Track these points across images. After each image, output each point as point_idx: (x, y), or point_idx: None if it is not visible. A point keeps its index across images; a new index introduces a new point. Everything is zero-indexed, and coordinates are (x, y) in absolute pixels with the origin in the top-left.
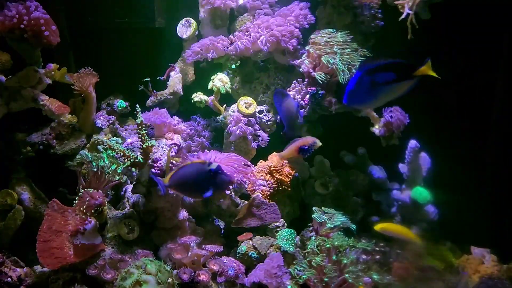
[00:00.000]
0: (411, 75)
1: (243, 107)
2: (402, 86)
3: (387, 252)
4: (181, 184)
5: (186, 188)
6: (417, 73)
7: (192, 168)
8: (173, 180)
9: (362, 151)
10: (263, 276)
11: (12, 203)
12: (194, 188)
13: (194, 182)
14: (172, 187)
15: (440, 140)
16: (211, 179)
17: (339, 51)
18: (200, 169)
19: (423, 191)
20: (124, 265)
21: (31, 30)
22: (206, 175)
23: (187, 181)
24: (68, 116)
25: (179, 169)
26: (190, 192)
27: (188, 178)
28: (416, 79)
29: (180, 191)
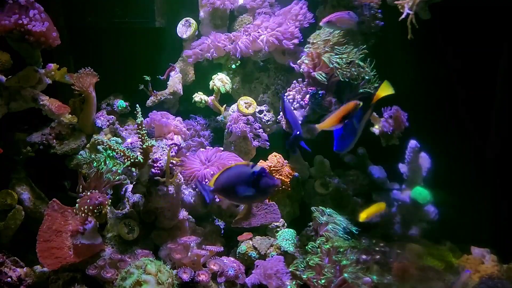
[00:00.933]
0: (370, 104)
1: (243, 107)
2: (366, 116)
3: (387, 252)
4: (225, 188)
5: (230, 192)
6: (374, 101)
7: (235, 170)
8: (218, 184)
9: (362, 151)
10: (263, 276)
11: (12, 203)
12: (236, 191)
13: (236, 184)
14: (217, 191)
15: (440, 140)
16: (253, 182)
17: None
18: (243, 171)
19: (423, 191)
20: (124, 265)
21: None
22: (249, 177)
23: (230, 184)
24: (68, 116)
25: (223, 172)
26: (234, 196)
27: (231, 180)
28: (373, 105)
29: (225, 195)
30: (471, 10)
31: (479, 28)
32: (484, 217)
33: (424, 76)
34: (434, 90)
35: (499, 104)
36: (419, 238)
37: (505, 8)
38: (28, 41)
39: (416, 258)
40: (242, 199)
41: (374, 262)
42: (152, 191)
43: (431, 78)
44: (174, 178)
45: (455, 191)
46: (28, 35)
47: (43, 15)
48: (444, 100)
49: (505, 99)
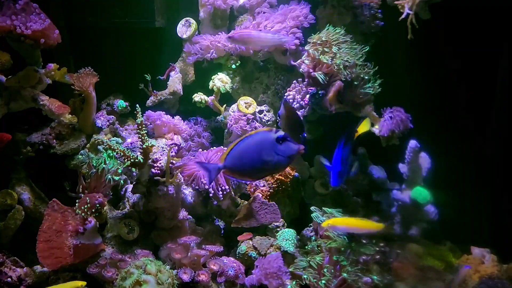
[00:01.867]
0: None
1: (243, 107)
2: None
3: (387, 252)
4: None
5: (249, 165)
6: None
7: (255, 139)
8: (232, 157)
9: (362, 151)
10: (263, 276)
11: (12, 203)
12: (258, 162)
13: (259, 153)
14: (229, 167)
15: (440, 140)
16: (277, 148)
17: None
18: (266, 137)
19: (423, 191)
20: (124, 265)
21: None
22: (273, 143)
23: (250, 155)
24: (68, 116)
25: (237, 144)
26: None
27: (251, 150)
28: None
29: (239, 172)
30: (471, 10)
31: (479, 28)
32: (484, 217)
33: (424, 76)
34: (434, 90)
35: (499, 104)
36: (419, 238)
37: (505, 8)
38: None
39: (416, 258)
40: (263, 170)
41: (374, 262)
42: (152, 191)
43: (431, 78)
44: (174, 178)
45: (455, 191)
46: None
47: (43, 15)
48: (444, 100)
49: (505, 99)
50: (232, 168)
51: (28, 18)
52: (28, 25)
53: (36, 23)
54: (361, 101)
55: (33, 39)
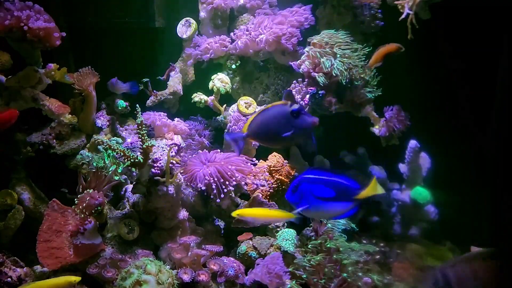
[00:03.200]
0: (351, 198)
1: (243, 107)
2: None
3: (387, 252)
4: (261, 131)
5: (267, 135)
6: (359, 196)
7: (272, 111)
8: (252, 127)
9: (362, 151)
10: (263, 276)
11: (12, 203)
12: (275, 133)
13: (275, 125)
14: (251, 136)
15: (440, 140)
16: (292, 121)
17: (340, 52)
18: (281, 110)
19: (423, 191)
20: (124, 265)
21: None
22: (288, 116)
23: (267, 126)
24: (68, 116)
25: (258, 115)
26: (271, 139)
27: (268, 122)
28: (355, 203)
29: (260, 139)
30: (471, 10)
31: (479, 28)
32: (484, 217)
33: (424, 76)
34: (434, 90)
35: (499, 104)
36: (419, 238)
37: (505, 8)
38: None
39: (416, 258)
40: (281, 140)
41: (374, 262)
42: (152, 191)
43: (431, 78)
44: (174, 178)
45: (455, 191)
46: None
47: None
48: (444, 100)
49: (505, 99)
50: (254, 136)
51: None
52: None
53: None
54: (361, 101)
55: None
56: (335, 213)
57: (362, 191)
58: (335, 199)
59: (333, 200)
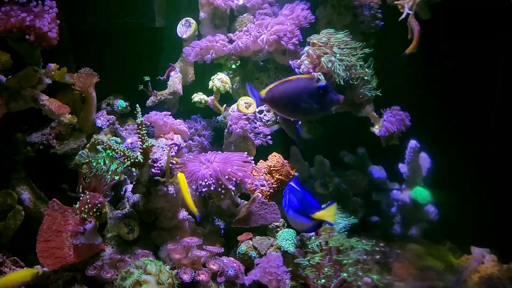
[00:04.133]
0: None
1: (243, 107)
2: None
3: (387, 252)
4: (281, 99)
5: (286, 104)
6: (315, 216)
7: (297, 83)
8: (272, 92)
9: (362, 151)
10: (263, 275)
11: (12, 203)
12: (295, 105)
13: (297, 97)
14: (268, 100)
15: (440, 140)
16: (318, 97)
17: (339, 51)
18: (307, 84)
19: (423, 191)
20: (124, 265)
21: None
22: (313, 91)
23: (289, 96)
24: (68, 116)
25: (281, 83)
26: (289, 109)
27: (291, 93)
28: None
29: (277, 106)
30: (471, 10)
31: (479, 28)
32: (484, 217)
33: (424, 76)
34: (434, 90)
35: (499, 104)
36: (419, 238)
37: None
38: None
39: (416, 258)
40: (300, 111)
41: (374, 262)
42: (152, 191)
43: (431, 78)
44: (174, 178)
45: (455, 191)
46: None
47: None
48: (444, 100)
49: (505, 99)
50: (271, 101)
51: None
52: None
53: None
54: (361, 101)
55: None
56: (299, 225)
57: (320, 211)
58: (300, 212)
59: (298, 213)
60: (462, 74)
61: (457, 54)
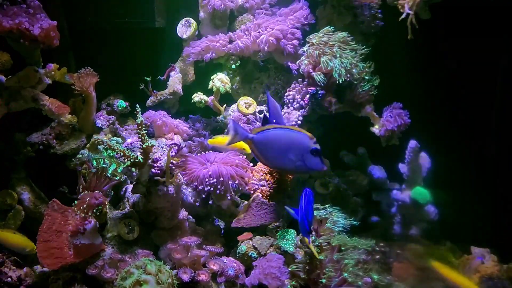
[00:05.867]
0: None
1: (243, 107)
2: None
3: (387, 252)
4: (269, 145)
5: (272, 149)
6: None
7: (295, 135)
8: (263, 136)
9: (362, 151)
10: (263, 276)
11: (12, 203)
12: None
13: (287, 148)
14: (256, 141)
15: (440, 140)
16: (305, 156)
17: (339, 51)
18: (304, 140)
19: (423, 191)
20: (124, 265)
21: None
22: (305, 149)
23: (278, 144)
24: (68, 116)
25: (277, 129)
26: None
27: (284, 140)
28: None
29: (261, 150)
30: (471, 10)
31: (479, 28)
32: (484, 217)
33: (424, 76)
34: (434, 90)
35: (499, 103)
36: (419, 238)
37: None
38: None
39: (416, 258)
40: (281, 162)
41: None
42: (152, 191)
43: (431, 78)
44: (174, 178)
45: (455, 191)
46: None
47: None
48: (444, 100)
49: (505, 99)
50: (257, 145)
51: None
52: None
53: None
54: (361, 101)
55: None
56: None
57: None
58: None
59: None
60: (462, 74)
61: (457, 54)
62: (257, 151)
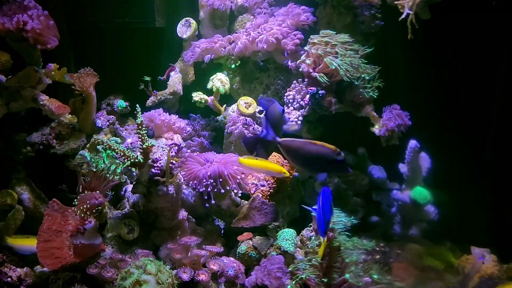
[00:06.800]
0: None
1: (243, 107)
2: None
3: (387, 252)
4: (297, 153)
5: (300, 157)
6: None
7: (319, 149)
8: (289, 142)
9: (362, 151)
10: (263, 276)
11: (12, 203)
12: (308, 161)
13: (313, 159)
14: (284, 146)
15: (440, 140)
16: (331, 166)
17: (342, 52)
18: (328, 154)
19: (423, 191)
20: (124, 265)
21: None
22: (330, 161)
23: (306, 154)
24: (68, 116)
25: (304, 142)
26: (301, 162)
27: (309, 153)
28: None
29: (289, 153)
30: (472, 10)
31: (480, 28)
32: (484, 217)
33: (424, 76)
34: (434, 90)
35: (499, 103)
36: (419, 238)
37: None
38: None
39: (416, 258)
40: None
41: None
42: (152, 191)
43: (431, 78)
44: (174, 178)
45: (455, 191)
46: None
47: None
48: (444, 100)
49: (505, 99)
50: (283, 149)
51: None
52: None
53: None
54: (361, 101)
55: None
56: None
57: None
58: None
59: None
60: (462, 74)
61: (457, 54)
62: (285, 153)
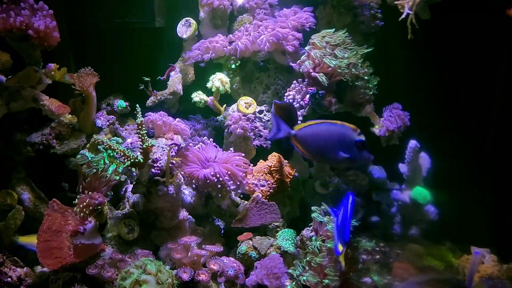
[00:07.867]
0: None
1: (243, 107)
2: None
3: (387, 252)
4: (313, 140)
5: (316, 146)
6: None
7: (337, 129)
8: (305, 131)
9: None
10: (263, 276)
11: (12, 203)
12: (325, 148)
13: (331, 143)
14: (299, 137)
15: (440, 140)
16: (351, 149)
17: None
18: (347, 134)
19: (423, 191)
20: (124, 265)
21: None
22: (350, 142)
23: (323, 139)
24: (68, 116)
25: (319, 123)
26: (317, 151)
27: (327, 136)
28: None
29: (306, 146)
30: (472, 10)
31: (480, 28)
32: (484, 217)
33: (424, 76)
34: (434, 90)
35: (499, 103)
36: (419, 238)
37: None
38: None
39: (416, 258)
40: (326, 157)
41: (374, 262)
42: (152, 191)
43: (431, 78)
44: (174, 178)
45: (455, 191)
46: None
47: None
48: (444, 100)
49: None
50: (300, 140)
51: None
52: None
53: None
54: (361, 101)
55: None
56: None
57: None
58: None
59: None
60: (462, 74)
61: (457, 54)
62: (301, 147)
